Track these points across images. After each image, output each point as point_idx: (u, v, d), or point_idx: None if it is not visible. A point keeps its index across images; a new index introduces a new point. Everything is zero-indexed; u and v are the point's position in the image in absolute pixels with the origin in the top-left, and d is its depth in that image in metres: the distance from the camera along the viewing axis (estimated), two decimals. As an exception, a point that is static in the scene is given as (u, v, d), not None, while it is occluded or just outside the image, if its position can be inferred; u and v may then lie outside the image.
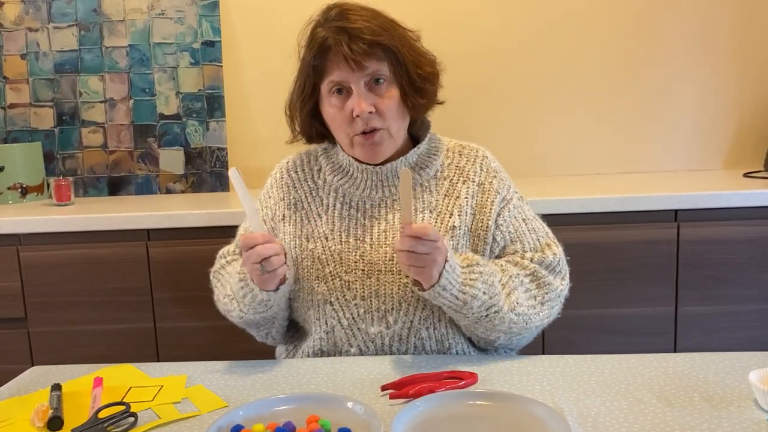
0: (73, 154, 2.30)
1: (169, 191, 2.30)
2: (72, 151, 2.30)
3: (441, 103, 1.27)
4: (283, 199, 1.28)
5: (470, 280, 1.09)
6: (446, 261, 1.06)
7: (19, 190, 2.18)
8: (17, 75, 2.28)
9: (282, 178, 1.31)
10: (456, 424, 0.87)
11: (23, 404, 1.01)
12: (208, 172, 2.28)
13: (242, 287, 1.16)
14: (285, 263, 1.13)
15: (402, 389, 0.97)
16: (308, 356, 1.23)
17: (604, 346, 1.82)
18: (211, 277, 1.33)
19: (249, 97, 2.31)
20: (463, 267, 1.10)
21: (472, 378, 1.02)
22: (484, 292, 1.10)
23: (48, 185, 2.24)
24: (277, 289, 1.15)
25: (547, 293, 1.18)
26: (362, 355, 1.18)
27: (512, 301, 1.13)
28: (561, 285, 1.21)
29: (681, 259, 1.79)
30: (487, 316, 1.11)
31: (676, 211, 1.79)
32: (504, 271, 1.16)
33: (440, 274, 1.06)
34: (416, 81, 1.17)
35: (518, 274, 1.17)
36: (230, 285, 1.23)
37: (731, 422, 0.87)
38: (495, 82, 2.26)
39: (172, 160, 2.28)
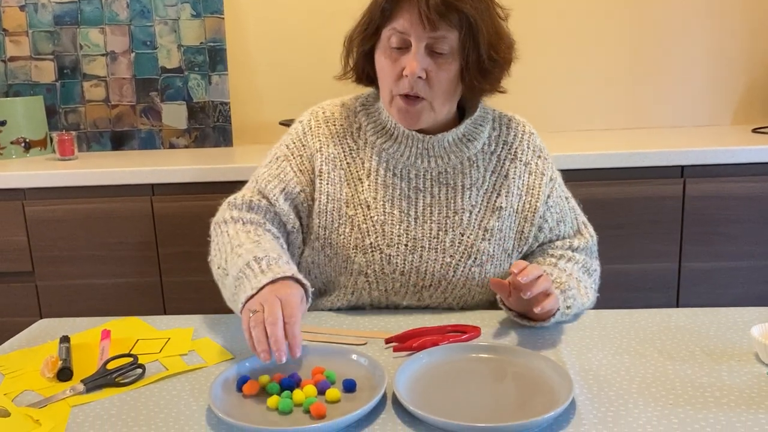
0: (76, 108, 2.29)
1: (172, 146, 2.29)
2: (74, 105, 2.28)
3: (503, 92, 1.15)
4: (320, 151, 1.16)
5: (566, 308, 1.08)
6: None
7: (22, 144, 2.17)
8: (16, 27, 2.25)
9: (318, 126, 1.18)
10: (459, 377, 0.88)
11: (33, 356, 1.03)
12: (211, 126, 2.26)
13: (236, 286, 1.00)
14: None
15: (406, 342, 0.99)
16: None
17: (607, 301, 1.82)
18: (211, 227, 1.18)
19: (251, 50, 2.27)
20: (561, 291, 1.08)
21: (475, 331, 1.03)
22: (575, 314, 1.11)
23: (51, 140, 2.23)
24: None
25: (595, 280, 1.23)
26: None
27: (586, 302, 1.16)
28: (599, 268, 1.26)
29: (686, 215, 1.78)
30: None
31: (682, 167, 1.77)
32: (570, 276, 1.15)
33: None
34: (484, 62, 1.07)
35: (577, 274, 1.18)
36: (225, 256, 1.07)
37: (731, 375, 0.87)
38: (502, 35, 2.22)
39: (174, 114, 2.27)
